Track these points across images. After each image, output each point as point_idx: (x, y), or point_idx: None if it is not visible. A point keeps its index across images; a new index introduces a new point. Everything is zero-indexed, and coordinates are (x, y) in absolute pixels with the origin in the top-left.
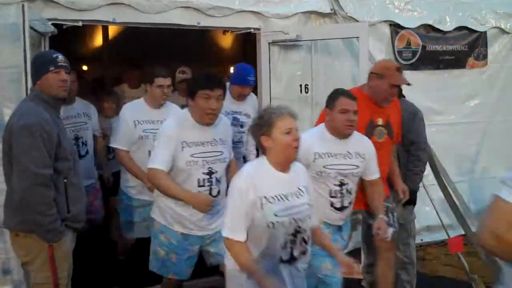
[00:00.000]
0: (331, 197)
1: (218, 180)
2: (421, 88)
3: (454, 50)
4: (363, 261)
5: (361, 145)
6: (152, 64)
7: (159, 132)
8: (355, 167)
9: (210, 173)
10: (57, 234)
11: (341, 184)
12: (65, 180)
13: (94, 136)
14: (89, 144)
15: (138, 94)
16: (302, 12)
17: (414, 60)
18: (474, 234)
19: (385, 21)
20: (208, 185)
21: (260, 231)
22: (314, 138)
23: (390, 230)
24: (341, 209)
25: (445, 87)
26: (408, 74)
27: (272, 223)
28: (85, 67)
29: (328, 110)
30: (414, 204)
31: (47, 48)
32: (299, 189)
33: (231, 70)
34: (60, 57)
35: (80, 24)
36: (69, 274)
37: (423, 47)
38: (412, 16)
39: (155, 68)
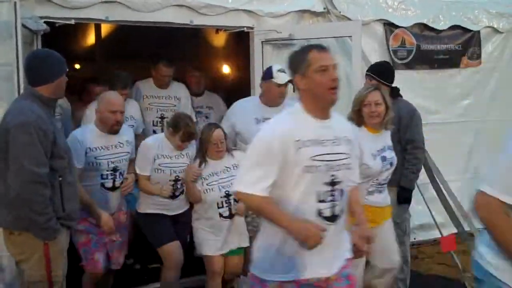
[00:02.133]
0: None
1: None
2: (415, 87)
3: (448, 49)
4: None
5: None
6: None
7: None
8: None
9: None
10: (52, 232)
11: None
12: (60, 179)
13: None
14: None
15: None
16: (295, 11)
17: (409, 59)
18: (466, 232)
19: (378, 20)
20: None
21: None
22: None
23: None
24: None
25: (439, 86)
26: (403, 73)
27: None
28: (77, 66)
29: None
30: (409, 203)
31: (39, 47)
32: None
33: (225, 69)
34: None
35: (72, 22)
36: (64, 272)
37: (418, 46)
38: (405, 15)
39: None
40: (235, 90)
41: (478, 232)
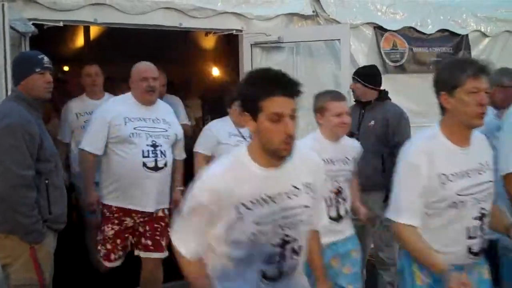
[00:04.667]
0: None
1: None
2: (405, 90)
3: (440, 52)
4: None
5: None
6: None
7: None
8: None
9: None
10: (39, 235)
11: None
12: (47, 181)
13: None
14: None
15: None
16: (284, 14)
17: (403, 61)
18: None
19: (367, 23)
20: None
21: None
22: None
23: None
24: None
25: (428, 89)
26: (395, 77)
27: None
28: (66, 68)
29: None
30: None
31: (27, 49)
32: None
33: (213, 71)
34: (46, 58)
35: (61, 24)
36: (50, 275)
37: (410, 48)
38: (394, 18)
39: None
40: (224, 93)
41: None
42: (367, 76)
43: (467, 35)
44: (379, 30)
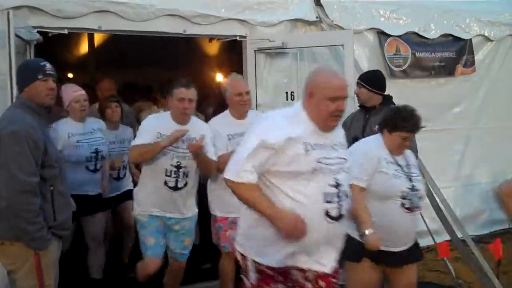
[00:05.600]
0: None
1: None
2: (409, 95)
3: (443, 57)
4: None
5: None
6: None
7: None
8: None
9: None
10: (44, 242)
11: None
12: (52, 188)
13: None
14: None
15: None
16: (288, 20)
17: (406, 66)
18: (459, 239)
19: (371, 29)
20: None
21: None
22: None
23: None
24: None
25: (431, 94)
26: (399, 82)
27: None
28: (70, 75)
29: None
30: None
31: (32, 56)
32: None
33: (218, 77)
34: (48, 65)
35: (65, 32)
36: (55, 282)
37: (413, 53)
38: (397, 23)
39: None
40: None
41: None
42: (372, 81)
43: (470, 39)
44: (383, 35)
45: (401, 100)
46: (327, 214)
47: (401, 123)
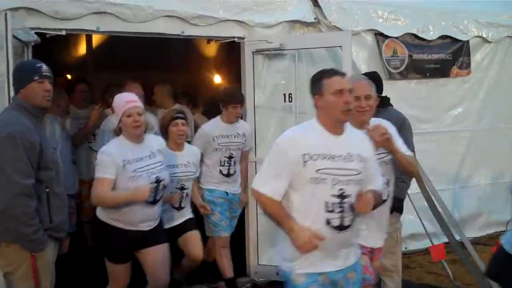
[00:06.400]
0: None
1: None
2: (407, 96)
3: (439, 59)
4: None
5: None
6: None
7: None
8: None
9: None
10: (40, 244)
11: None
12: (47, 190)
13: None
14: None
15: None
16: (286, 21)
17: (402, 68)
18: (457, 242)
19: (369, 30)
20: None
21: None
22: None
23: None
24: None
25: (430, 96)
26: (396, 83)
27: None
28: (69, 76)
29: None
30: (401, 212)
31: (30, 57)
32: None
33: (216, 79)
34: (44, 67)
35: (63, 33)
36: (52, 284)
37: (409, 55)
38: (395, 25)
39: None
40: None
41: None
42: None
43: (467, 41)
44: (381, 36)
45: (399, 101)
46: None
47: None
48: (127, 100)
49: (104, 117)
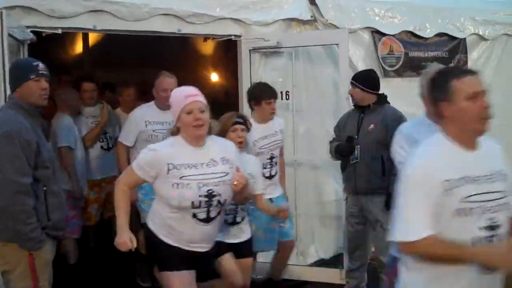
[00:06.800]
0: None
1: None
2: (404, 94)
3: (435, 57)
4: (345, 266)
5: None
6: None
7: None
8: None
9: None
10: (37, 242)
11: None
12: (45, 188)
13: None
14: None
15: None
16: (283, 19)
17: (398, 66)
18: None
19: (365, 28)
20: None
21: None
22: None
23: None
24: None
25: None
26: (392, 81)
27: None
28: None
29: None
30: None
31: (26, 56)
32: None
33: (213, 77)
34: (41, 65)
35: (59, 31)
36: (49, 283)
37: (405, 53)
38: (392, 22)
39: None
40: (222, 98)
41: None
42: (365, 80)
43: (464, 38)
44: (377, 34)
45: (395, 99)
46: None
47: None
48: (187, 94)
49: (113, 116)
